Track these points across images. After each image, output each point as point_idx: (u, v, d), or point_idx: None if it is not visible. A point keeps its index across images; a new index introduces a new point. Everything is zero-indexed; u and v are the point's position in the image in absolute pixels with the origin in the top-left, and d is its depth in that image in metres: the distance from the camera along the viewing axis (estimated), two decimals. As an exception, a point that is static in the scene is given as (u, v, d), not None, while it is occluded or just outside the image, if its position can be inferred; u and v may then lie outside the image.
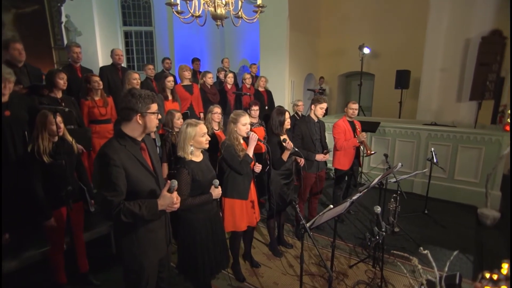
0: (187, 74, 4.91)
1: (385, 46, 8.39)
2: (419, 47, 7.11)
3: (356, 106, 4.08)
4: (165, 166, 3.45)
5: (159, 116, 1.81)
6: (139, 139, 1.78)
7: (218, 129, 3.84)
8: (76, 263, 2.94)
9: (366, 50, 7.88)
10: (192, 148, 2.31)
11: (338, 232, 4.03)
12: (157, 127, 1.85)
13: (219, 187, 2.37)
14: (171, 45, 8.81)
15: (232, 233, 3.00)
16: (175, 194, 1.73)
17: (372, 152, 4.11)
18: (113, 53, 4.88)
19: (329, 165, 5.92)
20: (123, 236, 1.79)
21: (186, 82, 4.96)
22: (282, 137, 3.22)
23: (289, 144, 3.07)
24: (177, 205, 1.74)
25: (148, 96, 1.73)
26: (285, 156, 3.18)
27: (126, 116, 1.72)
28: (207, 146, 2.38)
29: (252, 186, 2.97)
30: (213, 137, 3.64)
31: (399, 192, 3.73)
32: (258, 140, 2.81)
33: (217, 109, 3.78)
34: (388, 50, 8.37)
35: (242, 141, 2.87)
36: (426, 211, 4.51)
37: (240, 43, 10.12)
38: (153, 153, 1.89)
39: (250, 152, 2.75)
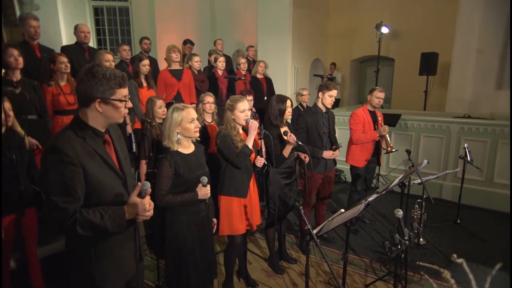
0: (175, 57, 4.88)
1: (407, 24, 8.40)
2: (449, 23, 7.13)
3: (383, 95, 4.13)
4: (143, 164, 3.43)
5: (129, 105, 1.72)
6: (102, 130, 1.70)
7: (212, 121, 3.86)
8: (29, 285, 2.85)
9: (384, 30, 7.88)
10: (179, 136, 2.34)
11: (352, 245, 4.01)
12: (130, 119, 1.77)
13: (208, 186, 2.36)
14: (151, 25, 8.76)
15: (229, 240, 3.01)
16: (147, 199, 1.64)
17: (394, 149, 4.13)
18: (77, 30, 4.84)
19: (340, 165, 5.93)
20: (77, 254, 1.68)
21: (175, 66, 4.94)
22: (282, 129, 3.21)
23: (291, 137, 3.09)
24: (150, 213, 1.66)
25: (115, 77, 1.62)
26: (286, 151, 3.19)
27: (83, 101, 1.63)
28: (197, 134, 2.40)
29: (253, 183, 3.02)
30: (205, 130, 3.68)
31: (425, 196, 3.70)
32: (260, 128, 2.84)
33: (209, 98, 3.79)
34: (411, 29, 8.38)
35: (241, 131, 2.93)
36: (458, 221, 4.50)
37: (234, 23, 10.10)
38: (120, 147, 1.83)
39: (250, 143, 2.80)
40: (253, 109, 4.56)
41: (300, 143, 3.15)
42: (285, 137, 3.11)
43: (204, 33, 9.85)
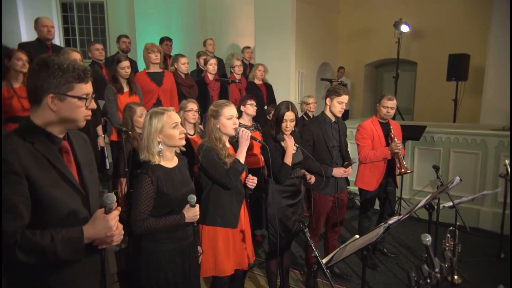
0: (154, 57, 4.91)
1: (431, 21, 8.50)
2: (483, 19, 7.22)
3: (392, 103, 4.09)
4: (123, 184, 3.42)
5: (93, 105, 1.69)
6: (60, 135, 1.67)
7: (194, 134, 3.84)
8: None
9: (405, 28, 7.97)
10: (160, 146, 2.32)
11: (370, 283, 3.95)
12: (105, 130, 1.73)
13: (197, 206, 2.35)
14: (130, 23, 8.89)
15: (214, 280, 2.93)
16: (113, 216, 1.58)
17: (408, 171, 4.11)
18: (38, 24, 4.87)
19: (354, 187, 5.86)
20: None
21: (154, 69, 4.97)
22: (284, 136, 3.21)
23: (288, 140, 3.10)
24: (118, 238, 1.60)
25: (74, 69, 1.59)
26: (288, 158, 3.15)
27: (34, 98, 1.60)
28: (183, 142, 2.39)
29: (244, 209, 2.98)
30: (187, 143, 3.63)
31: (458, 224, 3.64)
32: (253, 138, 2.83)
33: (192, 105, 3.78)
34: (436, 27, 8.47)
35: (228, 144, 2.89)
36: (502, 255, 4.42)
37: (228, 21, 10.24)
38: (83, 158, 1.79)
39: (242, 157, 2.75)
40: (259, 126, 4.59)
41: (298, 146, 3.16)
42: (282, 143, 3.12)
43: (193, 33, 9.97)
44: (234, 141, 3.00)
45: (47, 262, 1.53)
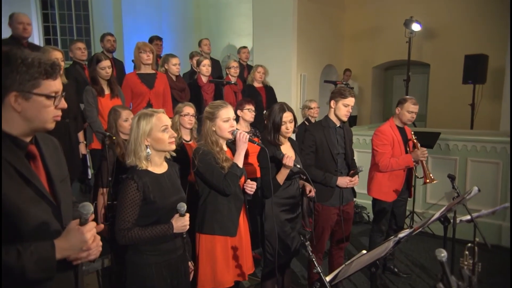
0: (146, 58, 4.90)
1: (445, 19, 8.52)
2: (501, 17, 7.24)
3: (417, 107, 4.12)
4: (99, 195, 3.43)
5: (62, 105, 1.66)
6: (25, 139, 1.63)
7: (190, 140, 3.86)
8: None
9: (416, 27, 8.01)
10: (148, 150, 2.34)
11: (381, 306, 3.94)
12: (85, 136, 1.70)
13: (187, 215, 2.36)
14: (117, 22, 8.92)
15: None
16: (89, 228, 1.54)
17: (434, 180, 4.11)
18: (13, 20, 4.87)
19: (361, 200, 5.83)
20: None
21: (145, 70, 4.96)
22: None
23: (288, 159, 3.04)
24: (94, 252, 1.58)
25: (40, 64, 1.56)
26: (281, 177, 3.16)
27: None
28: (173, 146, 2.42)
29: (243, 216, 3.05)
30: (183, 152, 3.69)
31: (477, 240, 3.58)
32: (251, 141, 2.88)
33: (189, 109, 3.81)
34: (451, 25, 8.49)
35: (225, 147, 2.97)
36: (527, 275, 4.35)
37: (225, 19, 10.28)
38: (54, 164, 1.75)
39: (240, 161, 2.83)
40: (257, 132, 4.63)
41: (299, 166, 3.11)
42: (283, 161, 3.05)
43: (186, 32, 10.04)
44: (231, 143, 3.05)
45: (13, 283, 1.49)
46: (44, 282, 1.56)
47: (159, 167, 2.42)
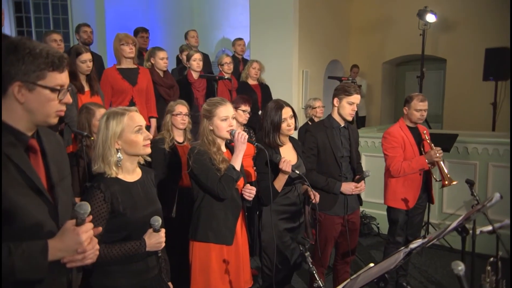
0: (129, 51, 4.90)
1: (463, 9, 8.54)
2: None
3: (425, 104, 4.16)
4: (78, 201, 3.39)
5: (68, 99, 1.73)
6: (27, 132, 1.69)
7: (184, 141, 3.92)
8: None
9: (431, 18, 8.02)
10: (119, 155, 2.28)
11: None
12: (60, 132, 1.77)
13: (162, 231, 2.33)
14: (99, 12, 8.95)
15: None
16: (85, 229, 1.59)
17: (454, 181, 4.09)
18: None
19: (369, 209, 5.79)
20: None
21: (127, 64, 4.96)
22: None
23: (285, 163, 3.05)
24: (91, 255, 1.64)
25: (47, 55, 1.63)
26: (279, 183, 3.15)
27: None
28: (148, 150, 2.37)
29: (241, 224, 3.09)
30: (175, 154, 3.77)
31: (500, 254, 3.55)
32: (250, 142, 2.94)
33: (182, 108, 3.87)
34: (469, 16, 8.49)
35: (223, 148, 3.03)
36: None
37: (219, 10, 10.31)
38: (56, 162, 1.82)
39: (237, 163, 2.87)
40: (252, 133, 4.71)
41: (297, 172, 3.10)
42: (281, 166, 3.06)
43: (176, 24, 10.09)
44: (229, 143, 3.10)
45: (2, 282, 1.53)
46: (35, 285, 1.63)
47: (131, 174, 2.37)
